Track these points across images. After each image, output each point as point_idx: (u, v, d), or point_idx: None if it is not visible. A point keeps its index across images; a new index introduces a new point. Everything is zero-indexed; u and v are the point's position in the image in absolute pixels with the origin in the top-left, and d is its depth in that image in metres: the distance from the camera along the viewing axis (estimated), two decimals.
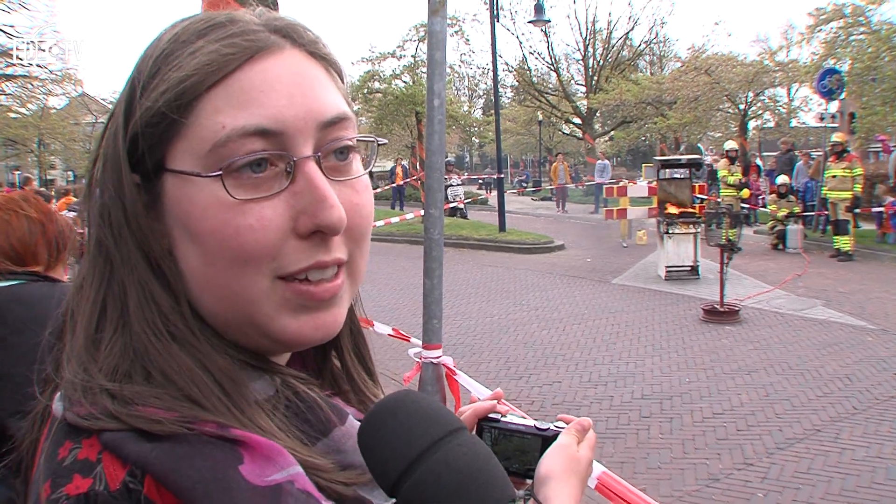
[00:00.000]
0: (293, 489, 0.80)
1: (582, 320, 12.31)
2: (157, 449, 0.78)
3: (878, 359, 9.54)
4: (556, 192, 36.35)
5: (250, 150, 0.85)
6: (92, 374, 0.84)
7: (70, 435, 0.82)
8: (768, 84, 33.14)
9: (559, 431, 1.17)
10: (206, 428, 0.81)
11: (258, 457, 0.80)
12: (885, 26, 24.10)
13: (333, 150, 0.92)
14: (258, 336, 0.91)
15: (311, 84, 0.90)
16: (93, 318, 0.89)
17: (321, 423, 0.93)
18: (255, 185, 0.86)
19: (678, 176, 16.72)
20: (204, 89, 0.86)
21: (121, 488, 0.76)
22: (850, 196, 17.95)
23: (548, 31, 41.79)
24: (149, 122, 0.87)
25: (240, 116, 0.85)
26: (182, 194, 0.87)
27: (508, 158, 66.35)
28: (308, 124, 0.88)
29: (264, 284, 0.88)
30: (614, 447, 7.05)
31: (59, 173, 57.89)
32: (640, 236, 20.87)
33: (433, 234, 5.24)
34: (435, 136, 5.18)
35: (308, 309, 0.91)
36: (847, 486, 6.11)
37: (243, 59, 0.87)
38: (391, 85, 29.53)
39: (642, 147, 60.09)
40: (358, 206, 0.93)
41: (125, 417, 0.80)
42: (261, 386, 0.92)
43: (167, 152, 0.87)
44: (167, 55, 0.89)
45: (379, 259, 19.53)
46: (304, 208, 0.87)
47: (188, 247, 0.88)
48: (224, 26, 0.90)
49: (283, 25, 0.93)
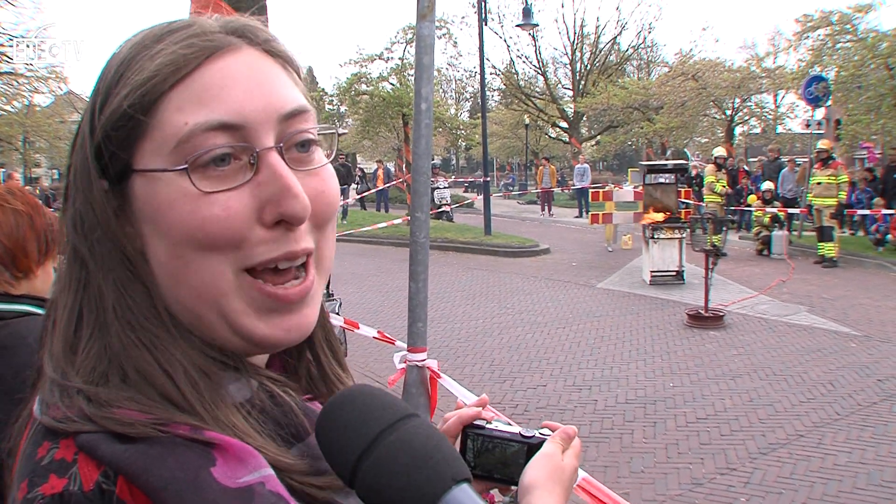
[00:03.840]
0: (264, 490, 0.80)
1: (566, 324, 12.32)
2: (130, 450, 0.79)
3: (861, 365, 9.59)
4: (542, 195, 36.42)
5: (213, 145, 0.86)
6: (69, 377, 0.86)
7: (48, 436, 0.83)
8: (755, 90, 33.36)
9: (544, 439, 1.18)
10: (180, 430, 0.81)
11: (230, 459, 0.81)
12: (871, 34, 24.24)
13: (295, 142, 0.93)
14: (230, 335, 0.92)
15: (268, 79, 0.93)
16: (70, 323, 0.90)
17: (296, 427, 0.94)
18: (220, 178, 0.87)
19: (664, 181, 16.76)
20: (166, 88, 0.87)
21: (94, 489, 0.77)
22: (834, 203, 18.05)
23: (536, 35, 42.01)
24: (114, 126, 0.88)
25: (201, 113, 0.86)
26: (150, 192, 0.88)
27: (495, 162, 66.37)
28: (269, 116, 0.90)
29: (229, 276, 0.89)
30: (598, 451, 7.06)
31: (43, 171, 57.64)
32: (626, 241, 20.90)
33: (419, 237, 5.23)
34: (422, 140, 5.18)
35: (278, 311, 0.92)
36: (829, 491, 6.13)
37: (202, 59, 0.89)
38: (378, 87, 29.56)
39: (629, 152, 60.36)
40: (322, 193, 0.95)
41: (99, 420, 0.81)
42: (237, 388, 0.92)
43: (134, 154, 0.89)
44: (128, 61, 0.90)
45: (364, 261, 19.53)
46: (269, 198, 0.88)
47: (157, 243, 0.89)
48: (182, 30, 0.92)
49: (239, 26, 0.95)
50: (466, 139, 39.45)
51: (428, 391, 5.45)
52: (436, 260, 15.77)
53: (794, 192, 22.94)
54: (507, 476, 1.18)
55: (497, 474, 1.19)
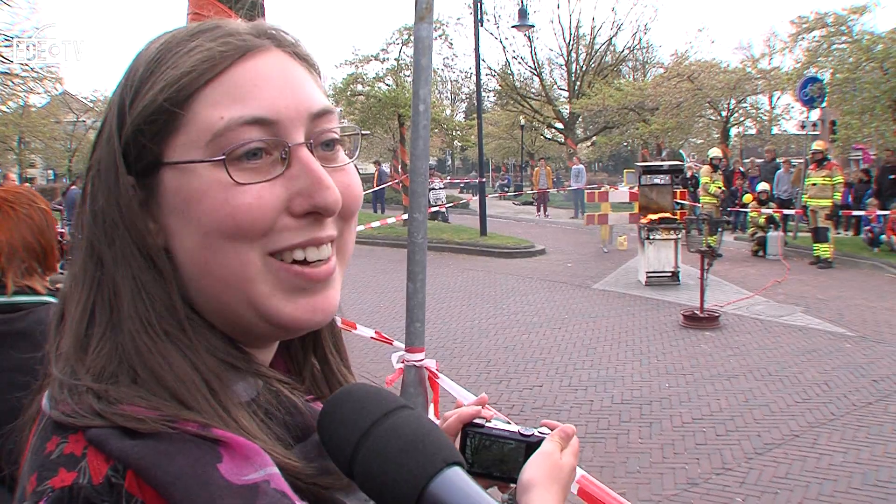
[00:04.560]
0: (268, 489, 0.81)
1: (562, 325, 12.34)
2: (140, 446, 0.80)
3: (856, 365, 9.61)
4: (538, 196, 36.38)
5: (249, 139, 0.89)
6: (79, 375, 0.87)
7: (57, 430, 0.84)
8: (750, 91, 33.25)
9: (543, 437, 1.18)
10: (188, 427, 0.82)
11: (237, 457, 0.82)
12: (866, 36, 24.23)
13: (322, 140, 0.97)
14: (256, 319, 0.94)
15: (298, 80, 0.96)
16: (83, 320, 0.91)
17: (300, 427, 0.96)
18: (253, 170, 0.90)
19: (659, 182, 16.77)
20: (202, 84, 0.90)
21: (103, 482, 0.78)
22: (829, 204, 18.07)
23: (531, 36, 41.80)
24: (147, 119, 0.90)
25: (236, 108, 0.90)
26: (181, 183, 0.90)
27: (490, 162, 66.33)
28: (300, 114, 0.93)
29: (257, 262, 0.91)
30: (594, 451, 7.07)
31: (39, 172, 57.52)
32: (621, 242, 20.89)
33: (417, 238, 5.23)
34: (420, 141, 5.18)
35: (304, 291, 0.95)
36: (824, 492, 6.15)
37: (236, 57, 0.92)
38: (374, 88, 29.48)
39: (624, 153, 60.27)
40: (350, 186, 0.99)
41: (109, 415, 0.82)
42: (243, 388, 0.94)
43: (165, 148, 0.91)
44: (160, 59, 0.93)
45: (360, 262, 19.50)
46: (301, 190, 0.91)
47: (185, 234, 0.91)
48: (214, 29, 0.96)
49: (267, 29, 0.99)
50: (462, 140, 39.45)
51: (426, 391, 5.46)
52: (431, 261, 15.72)
53: (789, 193, 22.99)
54: (506, 474, 1.19)
55: (496, 472, 1.20)
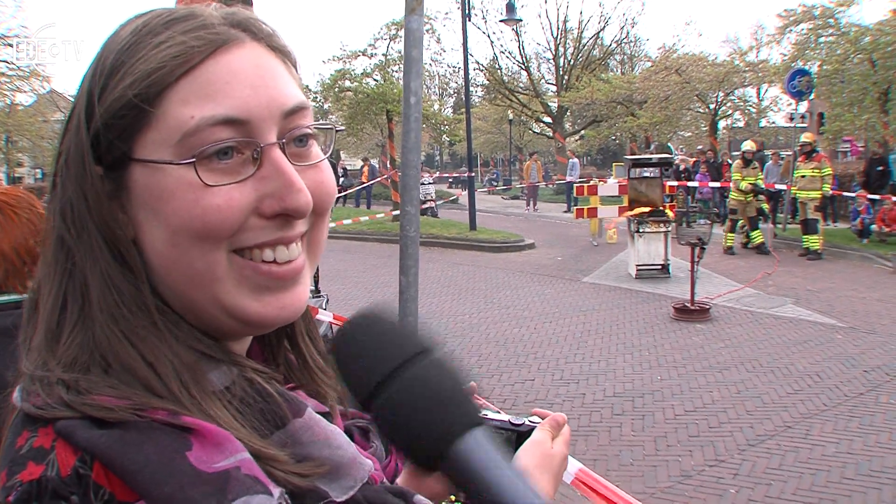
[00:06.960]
0: (239, 474, 0.81)
1: (553, 318, 12.35)
2: (107, 435, 0.80)
3: (847, 356, 9.64)
4: (527, 190, 36.45)
5: (219, 139, 0.88)
6: (50, 366, 0.86)
7: (28, 424, 0.84)
8: (738, 84, 33.46)
9: (533, 427, 1.18)
10: (157, 415, 0.82)
11: (207, 444, 0.82)
12: (853, 28, 24.34)
13: (295, 137, 0.95)
14: (224, 317, 0.93)
15: (272, 75, 0.94)
16: (54, 312, 0.91)
17: (276, 414, 0.94)
18: (223, 171, 0.88)
19: (648, 174, 16.78)
20: (172, 80, 0.88)
21: (71, 474, 0.78)
22: (818, 196, 18.08)
23: (519, 31, 41.87)
24: (115, 114, 0.88)
25: (207, 107, 0.87)
26: (151, 181, 0.89)
27: (479, 157, 66.47)
28: (272, 113, 0.91)
29: (224, 261, 0.90)
30: (586, 445, 7.07)
31: (26, 171, 57.36)
32: (611, 235, 20.93)
33: (409, 231, 5.21)
34: (411, 134, 5.16)
35: (272, 289, 0.94)
36: (817, 482, 6.16)
37: (208, 52, 0.90)
38: (362, 83, 29.46)
39: (612, 146, 60.39)
40: (322, 183, 0.97)
41: (77, 406, 0.82)
42: (217, 377, 0.92)
43: (133, 144, 0.89)
44: (130, 48, 0.90)
45: (350, 257, 19.52)
46: (272, 192, 0.90)
47: (153, 230, 0.90)
48: (186, 20, 0.92)
49: (241, 19, 0.96)
50: (450, 135, 39.45)
51: None
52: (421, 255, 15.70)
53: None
54: None
55: None
